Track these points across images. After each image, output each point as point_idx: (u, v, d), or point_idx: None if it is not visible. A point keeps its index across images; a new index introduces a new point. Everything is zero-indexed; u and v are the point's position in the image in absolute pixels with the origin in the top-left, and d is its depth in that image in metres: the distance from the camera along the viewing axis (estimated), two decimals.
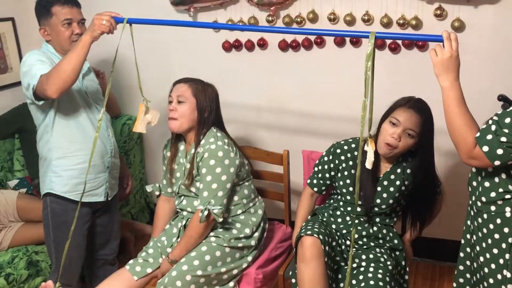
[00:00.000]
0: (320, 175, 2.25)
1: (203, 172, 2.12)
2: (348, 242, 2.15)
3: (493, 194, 1.63)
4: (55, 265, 2.33)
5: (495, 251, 1.65)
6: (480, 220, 1.69)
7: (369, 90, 1.49)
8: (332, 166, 2.22)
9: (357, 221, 2.15)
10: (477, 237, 1.71)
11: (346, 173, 2.18)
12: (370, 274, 1.99)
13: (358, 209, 2.12)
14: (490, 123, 1.55)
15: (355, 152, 2.17)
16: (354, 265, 2.08)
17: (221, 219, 2.10)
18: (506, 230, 1.62)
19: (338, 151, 2.20)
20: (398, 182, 2.12)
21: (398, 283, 2.09)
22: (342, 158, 2.19)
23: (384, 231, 2.17)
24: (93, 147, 1.97)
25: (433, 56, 1.59)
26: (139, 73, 2.08)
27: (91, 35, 1.97)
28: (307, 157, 2.55)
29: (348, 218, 2.19)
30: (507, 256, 1.62)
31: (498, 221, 1.63)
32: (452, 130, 1.60)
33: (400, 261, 2.15)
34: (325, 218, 2.22)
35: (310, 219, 2.25)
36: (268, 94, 3.04)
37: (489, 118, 1.58)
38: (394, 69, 2.70)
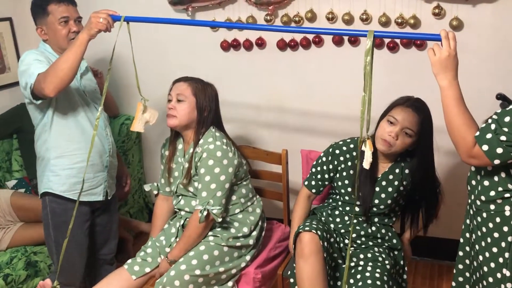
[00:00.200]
0: (319, 176, 2.24)
1: (202, 172, 2.12)
2: (346, 241, 2.15)
3: (492, 193, 1.63)
4: (57, 265, 2.32)
5: (495, 250, 1.65)
6: (479, 219, 1.69)
7: (368, 85, 1.48)
8: (331, 167, 2.21)
9: (356, 221, 2.15)
10: (476, 236, 1.71)
11: (345, 173, 2.18)
12: (368, 273, 1.98)
13: (357, 209, 2.12)
14: (489, 122, 1.54)
15: (354, 153, 2.16)
16: (352, 264, 2.08)
17: (220, 219, 2.10)
18: (505, 229, 1.62)
19: (337, 152, 2.19)
20: (396, 183, 2.12)
21: (397, 283, 2.08)
22: (341, 159, 2.18)
23: (382, 230, 2.17)
24: (91, 145, 1.97)
25: (431, 55, 1.59)
26: (138, 72, 2.08)
27: (88, 33, 1.96)
28: (305, 156, 2.55)
29: (347, 218, 2.18)
30: (507, 255, 1.62)
31: (498, 220, 1.63)
32: (451, 129, 1.60)
33: (399, 261, 2.15)
34: (323, 218, 2.22)
35: (308, 218, 2.25)
36: (267, 93, 3.04)
37: (488, 117, 1.58)
38: (393, 68, 2.70)
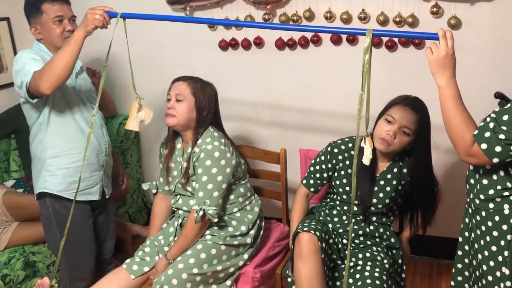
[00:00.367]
0: (317, 175, 2.24)
1: (199, 172, 2.12)
2: (345, 241, 2.15)
3: (491, 192, 1.63)
4: (65, 263, 2.32)
5: (494, 248, 1.65)
6: (478, 217, 1.69)
7: (366, 83, 1.48)
8: (329, 166, 2.21)
9: (354, 220, 2.15)
10: (475, 234, 1.71)
11: (342, 172, 2.18)
12: (367, 273, 1.98)
13: (355, 208, 2.12)
14: (488, 120, 1.54)
15: (352, 152, 2.16)
16: (351, 263, 2.08)
17: (216, 220, 2.10)
18: (504, 227, 1.62)
19: (335, 150, 2.19)
20: (394, 182, 2.12)
21: (395, 282, 2.08)
22: (339, 157, 2.18)
23: (381, 230, 2.17)
24: (87, 143, 1.96)
25: (429, 54, 1.59)
26: (135, 71, 2.06)
27: (84, 29, 1.94)
28: (304, 155, 2.55)
29: (345, 217, 2.18)
30: (506, 253, 1.62)
31: (497, 218, 1.63)
32: (450, 128, 1.60)
33: (397, 260, 2.15)
34: (321, 217, 2.22)
35: (307, 217, 2.25)
36: (265, 93, 3.04)
37: (487, 115, 1.58)
38: (391, 67, 2.70)
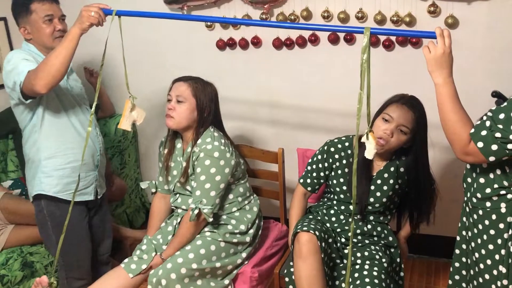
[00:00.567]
0: (314, 174, 2.24)
1: (198, 171, 2.12)
2: (343, 240, 2.15)
3: (488, 190, 1.63)
4: (62, 263, 2.32)
5: (491, 247, 1.65)
6: (475, 216, 1.69)
7: (365, 82, 1.48)
8: (326, 165, 2.21)
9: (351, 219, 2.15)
10: (472, 233, 1.71)
11: (339, 171, 2.18)
12: (365, 272, 1.98)
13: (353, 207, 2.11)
14: (484, 119, 1.55)
15: (349, 151, 2.16)
16: None
17: (211, 219, 2.10)
18: (501, 225, 1.62)
19: (332, 149, 2.19)
20: (391, 181, 2.12)
21: (394, 280, 2.08)
22: (336, 156, 2.18)
23: (378, 228, 2.17)
24: (86, 142, 1.95)
25: (426, 53, 1.59)
26: (132, 70, 2.06)
27: (79, 27, 1.92)
28: (302, 155, 2.55)
29: (342, 216, 2.18)
30: (503, 252, 1.63)
31: (494, 217, 1.63)
32: (446, 126, 1.60)
33: (395, 258, 2.15)
34: (319, 217, 2.22)
35: (305, 216, 2.25)
36: (263, 92, 3.04)
37: (483, 114, 1.58)
38: (388, 66, 2.70)
